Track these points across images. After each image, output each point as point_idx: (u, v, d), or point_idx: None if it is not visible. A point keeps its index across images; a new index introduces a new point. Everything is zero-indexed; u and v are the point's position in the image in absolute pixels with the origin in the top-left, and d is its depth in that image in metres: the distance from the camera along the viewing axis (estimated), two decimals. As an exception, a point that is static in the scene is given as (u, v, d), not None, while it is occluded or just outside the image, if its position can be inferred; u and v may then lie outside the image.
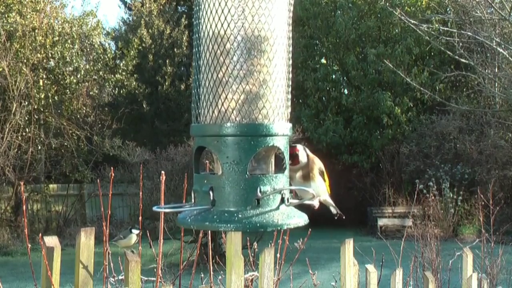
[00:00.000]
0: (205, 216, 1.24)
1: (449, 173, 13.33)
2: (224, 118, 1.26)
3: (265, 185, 1.25)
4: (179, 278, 2.43)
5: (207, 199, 1.25)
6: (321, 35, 15.86)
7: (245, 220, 1.22)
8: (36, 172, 13.67)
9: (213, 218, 1.23)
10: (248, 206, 1.23)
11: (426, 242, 5.37)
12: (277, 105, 1.28)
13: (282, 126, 1.28)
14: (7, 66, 12.63)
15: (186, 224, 1.26)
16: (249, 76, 1.26)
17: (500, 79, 12.67)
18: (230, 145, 1.24)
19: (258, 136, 1.25)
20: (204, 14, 1.28)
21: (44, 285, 1.76)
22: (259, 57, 1.26)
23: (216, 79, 1.26)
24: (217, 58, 1.26)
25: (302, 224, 1.28)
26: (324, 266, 8.15)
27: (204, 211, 1.25)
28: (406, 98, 14.77)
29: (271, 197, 1.26)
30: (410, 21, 9.88)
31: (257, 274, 2.46)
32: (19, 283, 8.38)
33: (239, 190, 1.23)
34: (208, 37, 1.28)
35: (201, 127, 1.30)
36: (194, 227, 1.28)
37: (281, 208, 1.27)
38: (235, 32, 1.25)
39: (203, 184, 1.27)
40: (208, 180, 1.27)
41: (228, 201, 1.24)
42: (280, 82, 1.30)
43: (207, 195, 1.24)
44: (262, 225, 1.22)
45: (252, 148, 1.24)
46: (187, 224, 1.26)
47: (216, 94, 1.27)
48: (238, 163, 1.23)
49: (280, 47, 1.29)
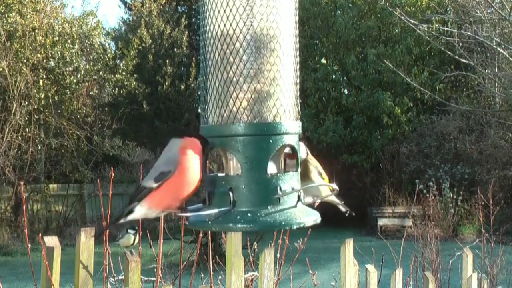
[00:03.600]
0: (226, 217, 1.22)
1: (449, 173, 13.32)
2: (235, 118, 1.24)
3: (284, 183, 1.24)
4: (179, 278, 2.43)
5: (225, 200, 1.22)
6: (321, 35, 15.86)
7: (268, 219, 1.21)
8: (36, 172, 13.65)
9: (236, 219, 1.21)
10: (269, 205, 1.22)
11: (426, 242, 5.37)
12: (288, 103, 1.27)
13: (293, 124, 1.28)
14: (7, 66, 12.63)
15: (206, 227, 1.23)
16: (259, 75, 1.25)
17: (500, 79, 12.66)
18: (249, 144, 1.22)
19: (275, 135, 1.24)
20: (212, 14, 1.27)
21: (44, 285, 1.76)
22: (268, 55, 1.25)
23: (227, 79, 1.25)
24: (227, 58, 1.25)
25: (318, 222, 1.27)
26: (324, 266, 8.15)
27: (225, 213, 1.22)
28: (406, 98, 14.76)
29: (290, 196, 1.25)
30: (410, 21, 9.86)
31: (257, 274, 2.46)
32: (19, 283, 8.37)
33: (260, 190, 1.22)
34: (216, 36, 1.26)
35: (213, 128, 1.27)
36: (216, 229, 1.26)
37: (298, 206, 1.26)
38: (244, 31, 1.24)
39: (221, 185, 1.24)
40: (226, 181, 1.24)
41: (249, 201, 1.22)
42: (290, 80, 1.29)
43: (225, 196, 1.22)
44: (286, 223, 1.22)
45: (271, 147, 1.23)
46: (207, 227, 1.23)
47: (226, 94, 1.25)
48: (258, 163, 1.22)
49: (289, 45, 1.29)
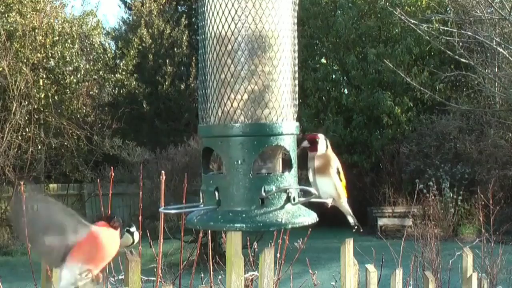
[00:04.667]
0: (210, 216, 1.24)
1: (449, 173, 13.32)
2: (228, 118, 1.25)
3: (270, 184, 1.24)
4: (179, 278, 2.44)
5: (214, 199, 1.25)
6: (321, 35, 15.86)
7: (249, 220, 1.21)
8: (36, 172, 13.65)
9: (217, 218, 1.23)
10: (253, 205, 1.23)
11: (426, 242, 5.38)
12: (284, 104, 1.27)
13: (288, 125, 1.27)
14: (7, 66, 12.62)
15: (193, 224, 1.26)
16: (256, 76, 1.25)
17: (500, 78, 12.65)
18: (233, 145, 1.23)
19: (261, 136, 1.24)
20: (210, 15, 1.27)
21: (44, 285, 1.76)
22: (265, 56, 1.25)
23: (224, 79, 1.25)
24: (224, 58, 1.25)
25: (308, 223, 1.27)
26: (324, 266, 8.13)
27: (210, 211, 1.25)
28: (406, 98, 14.76)
29: (276, 196, 1.25)
30: (410, 21, 9.87)
31: (257, 274, 2.46)
32: (19, 283, 8.34)
33: (243, 190, 1.23)
34: (214, 37, 1.27)
35: (207, 128, 1.29)
36: (199, 227, 1.29)
37: (286, 207, 1.26)
38: (242, 32, 1.24)
39: (209, 184, 1.26)
40: (213, 181, 1.27)
41: (233, 201, 1.23)
42: (286, 81, 1.28)
43: (213, 195, 1.24)
44: (266, 224, 1.22)
45: (255, 148, 1.24)
46: (193, 224, 1.26)
47: (223, 95, 1.26)
48: (242, 163, 1.23)
49: (286, 46, 1.28)
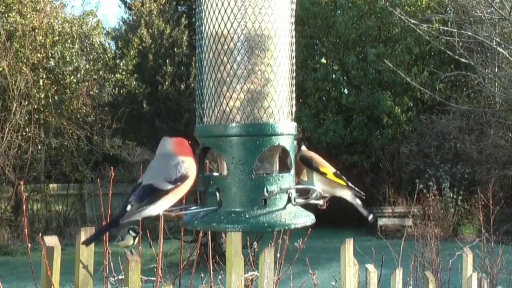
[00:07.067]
0: (212, 217, 1.23)
1: (449, 173, 13.32)
2: (228, 118, 1.24)
3: (272, 184, 1.24)
4: (179, 278, 2.43)
5: (214, 200, 1.24)
6: (321, 34, 15.85)
7: (252, 220, 1.21)
8: (36, 171, 13.65)
9: (220, 219, 1.22)
10: (255, 206, 1.22)
11: (426, 242, 5.37)
12: (282, 104, 1.27)
13: (287, 125, 1.27)
14: (7, 66, 12.62)
15: (193, 226, 1.25)
16: (252, 75, 1.24)
17: (500, 78, 12.65)
18: (236, 145, 1.23)
19: (263, 136, 1.24)
20: (207, 14, 1.27)
21: (44, 285, 1.76)
22: (262, 56, 1.25)
23: (220, 79, 1.25)
24: (221, 58, 1.25)
25: (310, 224, 1.26)
26: (324, 266, 8.14)
27: (210, 212, 1.24)
28: (406, 98, 14.76)
29: (277, 197, 1.25)
30: (410, 21, 9.86)
31: (257, 274, 2.46)
32: (19, 283, 8.37)
33: (245, 191, 1.23)
34: (211, 36, 1.27)
35: (206, 128, 1.28)
36: (201, 228, 1.27)
37: (288, 207, 1.26)
38: (239, 32, 1.24)
39: (209, 185, 1.25)
40: (214, 181, 1.25)
41: (235, 202, 1.23)
42: (284, 81, 1.28)
43: (213, 196, 1.24)
44: (270, 225, 1.21)
45: (258, 148, 1.23)
46: (194, 226, 1.25)
47: (220, 94, 1.25)
48: (244, 164, 1.22)
49: (284, 45, 1.28)
